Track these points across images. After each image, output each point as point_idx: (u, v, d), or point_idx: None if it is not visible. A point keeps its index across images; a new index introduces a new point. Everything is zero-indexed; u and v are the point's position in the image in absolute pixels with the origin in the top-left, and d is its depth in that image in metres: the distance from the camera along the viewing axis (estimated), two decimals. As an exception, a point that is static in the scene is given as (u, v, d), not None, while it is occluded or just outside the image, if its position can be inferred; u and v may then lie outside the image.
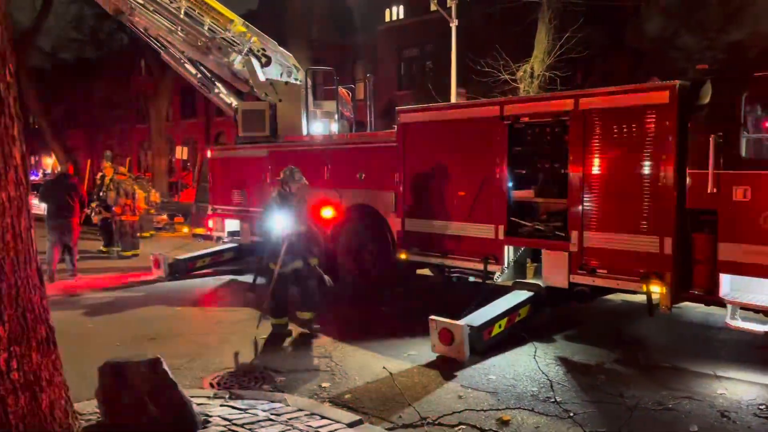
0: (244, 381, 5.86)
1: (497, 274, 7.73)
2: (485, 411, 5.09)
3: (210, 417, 4.62)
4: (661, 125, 6.33)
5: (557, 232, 7.26)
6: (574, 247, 6.97)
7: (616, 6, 19.87)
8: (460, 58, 17.48)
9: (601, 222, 6.80)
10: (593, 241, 6.85)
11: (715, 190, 6.02)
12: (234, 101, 12.14)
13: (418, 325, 6.87)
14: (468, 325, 6.34)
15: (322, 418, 4.70)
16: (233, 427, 4.49)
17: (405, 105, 9.85)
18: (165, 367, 4.34)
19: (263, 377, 5.95)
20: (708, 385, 5.66)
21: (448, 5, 17.44)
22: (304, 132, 11.20)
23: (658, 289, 6.38)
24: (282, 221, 7.18)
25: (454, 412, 5.03)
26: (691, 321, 7.87)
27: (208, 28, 11.33)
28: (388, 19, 31.80)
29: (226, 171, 11.79)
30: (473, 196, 7.93)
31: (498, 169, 7.67)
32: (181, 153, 27.87)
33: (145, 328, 7.75)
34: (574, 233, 6.97)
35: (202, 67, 12.12)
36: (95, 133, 38.15)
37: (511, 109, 7.64)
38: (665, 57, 24.11)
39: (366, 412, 5.03)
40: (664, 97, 6.31)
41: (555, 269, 7.15)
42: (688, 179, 6.25)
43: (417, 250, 8.62)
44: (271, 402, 5.03)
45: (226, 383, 5.79)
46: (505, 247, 7.67)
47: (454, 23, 17.18)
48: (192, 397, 4.67)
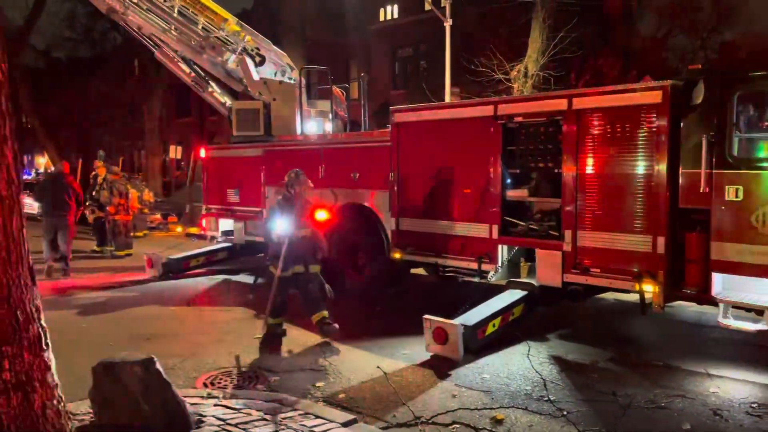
0: (238, 381, 5.85)
1: (491, 273, 7.74)
2: (479, 410, 5.10)
3: (204, 417, 4.61)
4: (654, 125, 6.35)
5: (551, 232, 7.28)
6: (567, 247, 7.00)
7: (610, 6, 19.97)
8: (455, 57, 17.49)
9: (595, 221, 6.82)
10: (587, 240, 6.87)
11: (707, 190, 6.04)
12: (228, 100, 12.11)
13: (413, 324, 6.88)
14: (462, 325, 6.35)
15: (317, 417, 4.71)
16: (227, 427, 4.48)
17: (399, 104, 9.85)
18: (158, 366, 4.34)
19: (257, 377, 5.95)
20: (700, 384, 5.69)
21: (443, 5, 17.44)
22: (299, 131, 11.19)
23: (651, 288, 6.40)
24: (284, 224, 7.06)
25: (448, 411, 5.04)
26: (683, 320, 7.91)
27: (202, 27, 11.31)
28: (382, 18, 31.78)
29: (220, 170, 11.77)
30: (467, 195, 7.95)
31: (492, 169, 7.69)
32: (174, 152, 27.80)
33: (139, 328, 7.73)
34: (568, 233, 6.99)
35: (195, 66, 12.10)
36: (88, 133, 37.99)
37: (504, 109, 7.65)
38: (658, 57, 24.23)
39: (360, 411, 5.03)
40: (656, 97, 6.33)
41: (549, 268, 7.17)
42: (681, 179, 6.27)
43: (411, 249, 8.63)
44: (265, 402, 5.03)
45: (220, 383, 5.78)
46: (499, 246, 7.69)
47: (449, 23, 17.19)
48: (186, 397, 4.66)
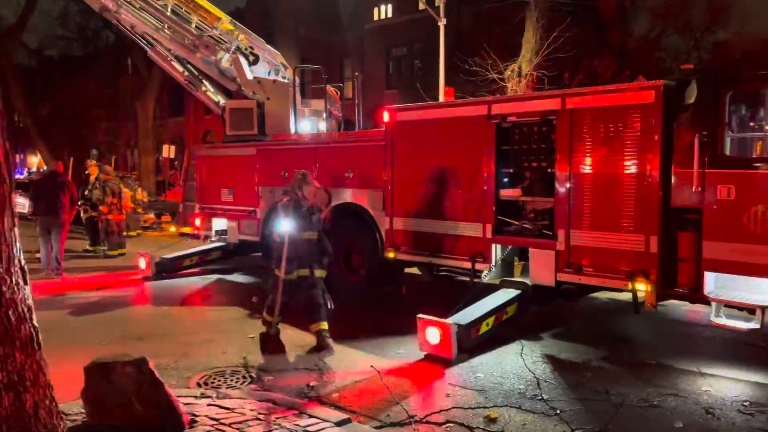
0: (232, 380, 5.84)
1: (485, 272, 7.74)
2: (473, 409, 5.11)
3: (197, 416, 4.60)
4: (647, 124, 6.38)
5: (544, 231, 7.30)
6: (560, 246, 7.01)
7: (604, 6, 20.01)
8: (449, 57, 17.50)
9: (588, 221, 6.83)
10: (580, 239, 6.89)
11: (699, 189, 6.07)
12: (221, 99, 12.09)
13: (406, 323, 6.88)
14: (456, 324, 6.36)
15: (310, 417, 4.70)
16: (221, 427, 4.47)
17: (393, 104, 9.84)
18: (151, 366, 4.32)
19: (251, 376, 5.94)
20: (693, 382, 5.72)
21: (437, 4, 17.43)
22: (292, 130, 11.17)
23: (643, 287, 6.43)
24: (287, 225, 6.78)
25: (441, 410, 5.05)
26: (676, 319, 7.95)
27: (196, 26, 11.28)
28: (376, 17, 31.77)
29: (214, 170, 11.73)
30: (461, 194, 7.96)
31: (485, 168, 7.70)
32: (168, 151, 27.70)
33: (132, 328, 7.71)
34: (561, 232, 7.01)
35: (189, 65, 12.06)
36: (81, 132, 37.81)
37: (498, 108, 7.66)
38: (652, 57, 24.34)
39: (354, 410, 5.03)
40: (649, 96, 6.36)
41: (542, 268, 7.19)
42: (674, 178, 6.30)
43: (405, 248, 8.64)
44: (259, 401, 5.02)
45: (213, 383, 5.77)
46: (493, 245, 7.70)
47: (443, 22, 17.19)
48: (179, 397, 4.64)
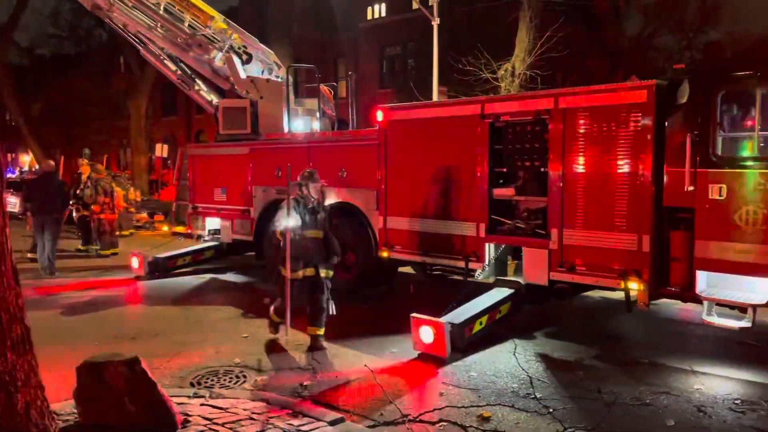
0: (225, 380, 5.83)
1: (478, 271, 7.76)
2: (466, 407, 5.12)
3: (190, 416, 4.59)
4: (640, 124, 6.40)
5: (537, 230, 7.32)
6: (554, 245, 7.03)
7: (596, 6, 20.06)
8: (442, 56, 17.49)
9: (581, 220, 6.86)
10: (573, 238, 6.91)
11: (691, 188, 6.10)
12: (214, 98, 12.05)
13: (400, 322, 6.88)
14: (449, 323, 6.37)
15: (304, 416, 4.70)
16: (214, 426, 4.46)
17: (387, 103, 9.84)
18: (144, 366, 4.31)
19: (244, 376, 5.93)
20: (685, 381, 5.75)
21: (430, 3, 17.42)
22: (286, 130, 11.15)
23: (636, 286, 6.46)
24: (293, 224, 6.61)
25: (435, 409, 5.06)
26: (668, 317, 7.98)
27: (189, 25, 11.23)
28: (369, 17, 31.76)
29: (207, 169, 11.70)
30: (454, 194, 7.97)
31: (479, 168, 7.71)
32: (161, 150, 27.60)
33: (124, 328, 7.68)
34: (554, 231, 7.03)
35: (182, 64, 12.02)
36: (73, 130, 37.63)
37: (491, 108, 7.68)
38: (644, 56, 24.44)
39: (347, 409, 5.03)
40: (642, 96, 6.39)
41: (535, 267, 7.21)
42: (666, 177, 6.33)
43: (399, 247, 8.64)
44: (252, 401, 5.01)
45: (206, 382, 5.75)
46: (486, 244, 7.72)
47: (436, 21, 17.18)
48: (172, 397, 4.63)
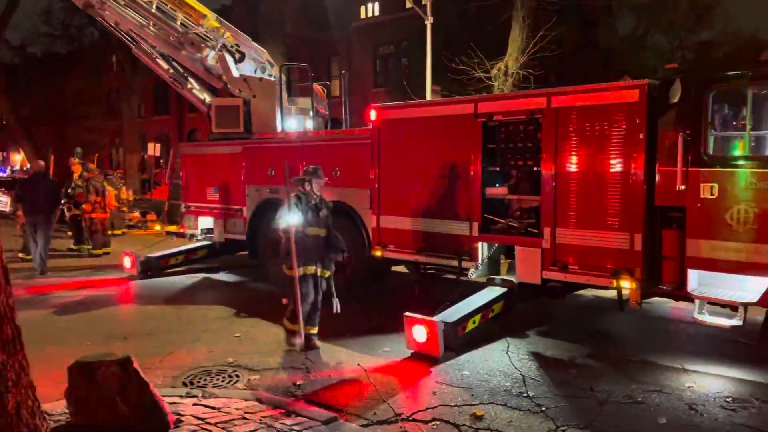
0: (218, 379, 5.82)
1: (471, 270, 7.77)
2: (459, 406, 5.13)
3: (182, 416, 4.58)
4: (632, 123, 6.42)
5: (530, 229, 7.34)
6: (546, 244, 7.05)
7: (589, 5, 20.11)
8: (436, 55, 17.51)
9: (573, 219, 6.87)
10: (565, 237, 6.93)
11: (683, 188, 6.13)
12: (207, 97, 12.00)
13: (393, 321, 6.89)
14: (443, 322, 6.37)
15: (297, 415, 4.70)
16: (206, 426, 4.45)
17: (380, 102, 9.84)
18: (136, 366, 4.30)
19: (237, 375, 5.92)
20: (677, 379, 5.78)
21: (423, 3, 17.44)
22: (279, 129, 11.13)
23: (628, 285, 6.47)
24: (293, 220, 6.50)
25: (428, 408, 5.07)
26: (660, 316, 8.02)
27: (181, 23, 11.18)
28: (363, 15, 31.74)
29: (200, 168, 11.66)
30: (448, 193, 7.97)
31: (472, 167, 7.72)
32: (153, 150, 27.50)
33: (117, 327, 7.65)
34: (547, 230, 7.04)
35: (174, 63, 11.96)
36: (65, 129, 37.45)
37: (484, 107, 7.68)
38: (636, 56, 24.56)
39: (341, 409, 5.03)
40: (634, 95, 6.41)
41: (528, 265, 7.22)
42: (658, 177, 6.35)
43: (392, 247, 8.64)
44: (245, 400, 5.00)
45: (199, 382, 5.74)
46: (480, 243, 7.73)
47: (429, 20, 17.21)
48: (164, 397, 4.62)
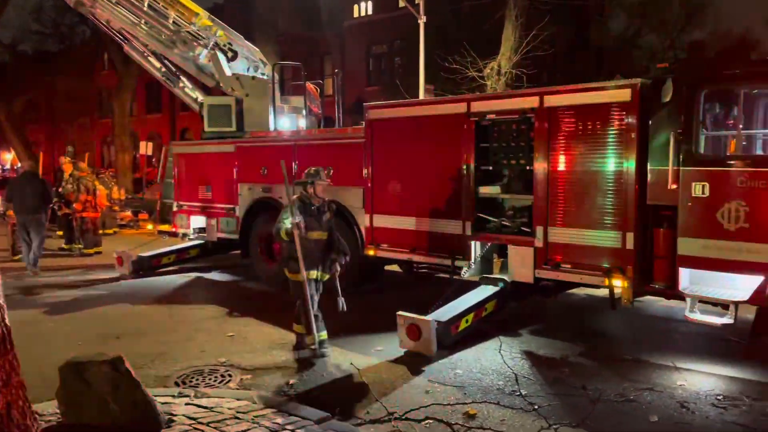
0: (210, 379, 5.80)
1: (464, 269, 7.77)
2: (452, 405, 5.13)
3: (174, 416, 4.56)
4: (624, 123, 6.44)
5: (523, 228, 7.35)
6: (539, 243, 7.07)
7: (581, 5, 20.16)
8: (429, 54, 17.52)
9: (565, 218, 6.89)
10: (558, 236, 6.95)
11: (674, 187, 6.15)
12: (199, 96, 11.97)
13: (386, 321, 6.89)
14: (435, 321, 6.38)
15: (290, 415, 4.69)
16: (198, 426, 4.44)
17: (374, 101, 9.83)
18: (127, 366, 4.28)
19: (230, 375, 5.90)
20: (668, 377, 5.80)
21: (416, 2, 17.43)
22: (272, 127, 11.11)
23: (620, 284, 6.49)
24: (300, 225, 6.32)
25: (421, 407, 5.07)
26: (652, 314, 8.05)
27: (173, 22, 11.13)
28: (356, 14, 31.70)
29: (192, 167, 11.62)
30: (441, 192, 7.97)
31: (465, 166, 7.72)
32: (145, 148, 27.35)
33: (108, 327, 7.61)
34: (539, 229, 7.06)
35: (166, 61, 11.92)
36: (57, 128, 37.25)
37: (477, 106, 7.69)
38: (628, 55, 24.65)
39: (333, 408, 5.02)
40: (626, 95, 6.42)
41: (521, 264, 7.24)
42: (649, 176, 6.37)
43: (385, 246, 8.64)
44: (238, 399, 4.99)
45: (191, 382, 5.72)
46: (472, 242, 7.73)
47: (422, 20, 17.21)
48: (156, 396, 4.61)
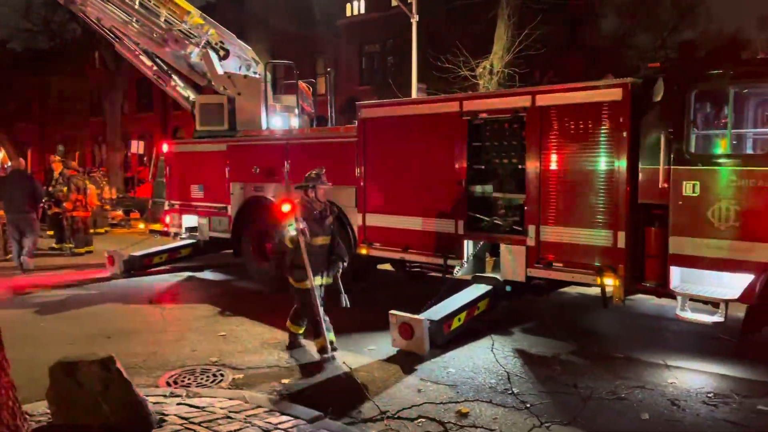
0: (202, 379, 5.78)
1: (457, 268, 7.78)
2: (444, 404, 5.14)
3: (166, 416, 4.54)
4: (615, 122, 6.46)
5: (515, 227, 7.37)
6: (531, 242, 7.08)
7: (574, 4, 20.23)
8: (421, 54, 17.54)
9: (557, 217, 6.91)
10: (550, 235, 6.97)
11: (665, 186, 6.18)
12: (191, 95, 11.91)
13: (378, 320, 6.89)
14: (428, 319, 6.39)
15: (282, 414, 4.69)
16: (190, 426, 4.42)
17: (366, 100, 9.82)
18: (119, 365, 4.26)
19: (221, 374, 5.89)
20: (659, 375, 5.83)
21: (409, 1, 17.45)
22: (264, 126, 11.07)
23: (612, 282, 6.52)
24: (305, 231, 6.25)
25: (413, 406, 5.07)
26: (643, 312, 8.10)
27: (164, 20, 11.08)
28: (348, 13, 31.65)
29: (184, 166, 11.57)
30: (433, 191, 7.97)
31: (457, 165, 7.73)
32: (137, 147, 27.25)
33: (100, 327, 7.58)
34: (531, 228, 7.08)
35: (158, 60, 11.85)
36: (47, 127, 37.00)
37: (469, 105, 7.69)
38: (620, 55, 24.75)
39: (326, 407, 5.01)
40: (617, 94, 6.44)
41: (513, 263, 7.25)
42: (641, 175, 6.40)
43: (378, 245, 8.64)
44: (230, 399, 4.98)
45: (183, 381, 5.70)
46: (465, 241, 7.74)
47: (415, 18, 17.21)
48: (147, 396, 4.59)
